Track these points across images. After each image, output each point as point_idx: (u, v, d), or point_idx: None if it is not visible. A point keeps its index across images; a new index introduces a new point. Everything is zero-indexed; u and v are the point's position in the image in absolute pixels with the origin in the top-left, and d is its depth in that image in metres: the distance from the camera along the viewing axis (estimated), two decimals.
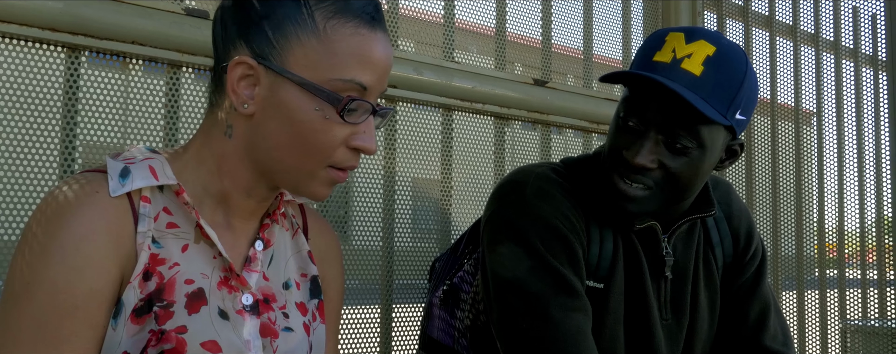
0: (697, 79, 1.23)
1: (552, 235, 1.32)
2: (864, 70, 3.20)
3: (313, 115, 0.94)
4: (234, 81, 0.95)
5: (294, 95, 0.94)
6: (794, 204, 2.88)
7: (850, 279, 3.11)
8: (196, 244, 0.98)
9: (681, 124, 1.24)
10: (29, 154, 1.36)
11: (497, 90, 1.96)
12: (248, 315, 1.00)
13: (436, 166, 1.92)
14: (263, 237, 1.05)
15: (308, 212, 1.19)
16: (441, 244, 1.92)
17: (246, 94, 0.96)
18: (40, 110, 1.38)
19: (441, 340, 1.56)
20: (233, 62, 0.95)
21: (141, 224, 0.95)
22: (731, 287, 1.52)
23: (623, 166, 1.29)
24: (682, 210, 1.41)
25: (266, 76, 0.95)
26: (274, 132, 0.95)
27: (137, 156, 0.99)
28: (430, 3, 1.90)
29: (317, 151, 0.95)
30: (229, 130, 0.99)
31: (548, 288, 1.29)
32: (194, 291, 0.96)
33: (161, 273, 0.95)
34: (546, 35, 2.14)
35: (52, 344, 0.88)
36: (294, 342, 1.04)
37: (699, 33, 1.28)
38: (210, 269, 0.99)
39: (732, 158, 1.37)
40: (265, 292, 1.03)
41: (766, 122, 2.79)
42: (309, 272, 1.12)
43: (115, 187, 0.94)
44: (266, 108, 0.95)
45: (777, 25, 2.83)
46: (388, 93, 1.77)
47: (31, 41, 1.35)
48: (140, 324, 0.93)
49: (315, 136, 0.94)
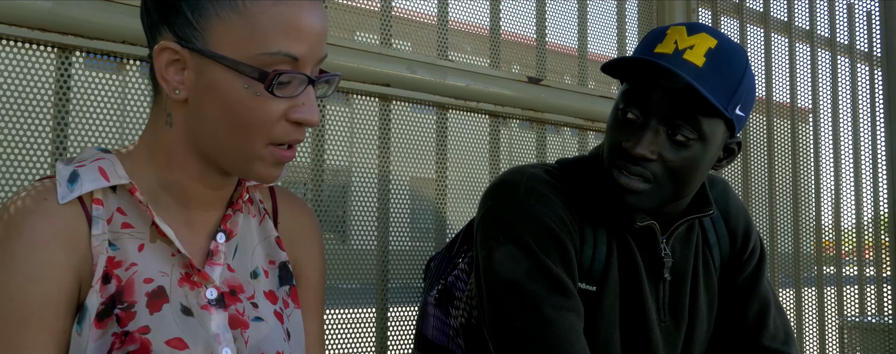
0: (700, 70, 1.23)
1: (545, 234, 1.31)
2: (860, 67, 3.20)
3: (243, 93, 0.91)
4: (161, 67, 0.93)
5: (221, 76, 0.91)
6: (791, 202, 2.87)
7: (847, 276, 3.11)
8: (152, 243, 0.98)
9: (683, 114, 1.24)
10: (20, 156, 1.35)
11: (491, 88, 1.95)
12: (213, 308, 0.99)
13: (431, 165, 1.91)
14: (226, 227, 1.04)
15: (279, 193, 1.17)
16: (437, 243, 1.91)
17: (176, 79, 0.93)
18: (31, 112, 1.37)
19: (436, 339, 1.56)
20: (157, 48, 0.93)
21: (95, 227, 0.94)
22: (730, 286, 1.51)
23: (622, 159, 1.29)
24: (680, 210, 1.40)
25: (192, 59, 0.93)
26: (209, 116, 0.93)
27: (88, 158, 0.99)
28: (424, 3, 1.89)
29: (254, 129, 0.92)
30: (169, 118, 0.97)
31: (541, 288, 1.28)
32: (154, 289, 0.96)
33: (118, 276, 0.95)
34: (541, 33, 2.13)
35: (9, 353, 0.89)
36: (266, 330, 1.03)
37: (701, 27, 1.29)
38: (169, 267, 0.98)
39: (730, 157, 1.36)
40: (231, 283, 1.02)
41: (762, 119, 2.79)
42: (277, 259, 1.10)
43: (63, 194, 0.94)
44: (197, 92, 0.93)
45: (772, 22, 2.83)
46: (381, 91, 1.77)
47: (20, 41, 1.34)
48: (103, 328, 0.93)
49: (250, 114, 0.92)
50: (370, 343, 1.77)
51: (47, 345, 0.90)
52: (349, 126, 1.78)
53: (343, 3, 1.78)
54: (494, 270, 1.32)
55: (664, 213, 1.38)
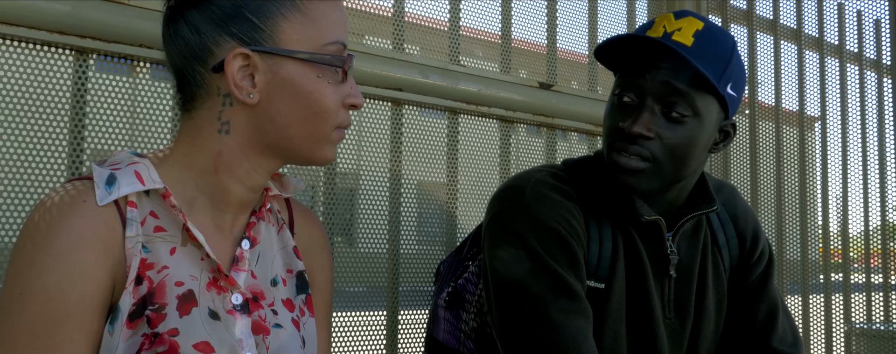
0: (689, 48, 1.27)
1: (551, 238, 1.32)
2: (868, 74, 3.20)
3: (317, 83, 0.99)
4: (233, 74, 0.96)
5: (296, 70, 0.98)
6: (799, 209, 2.87)
7: (854, 283, 3.11)
8: (183, 247, 0.99)
9: (677, 91, 1.28)
10: (37, 158, 1.36)
11: (503, 93, 1.96)
12: (238, 314, 1.00)
13: (441, 169, 1.92)
14: (250, 235, 1.06)
15: (294, 206, 1.20)
16: (447, 247, 1.92)
17: (247, 84, 0.97)
18: (48, 114, 1.38)
19: (447, 342, 1.56)
20: (229, 56, 0.95)
21: (129, 230, 0.96)
22: (739, 289, 1.52)
23: (621, 139, 1.31)
24: (682, 200, 1.41)
25: (262, 61, 0.97)
26: (283, 112, 0.99)
27: (123, 161, 1.00)
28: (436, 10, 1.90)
29: (328, 115, 1.00)
30: (225, 126, 0.99)
31: (548, 291, 1.29)
32: (184, 293, 0.97)
33: (150, 278, 0.96)
34: (551, 39, 2.14)
35: (46, 352, 0.89)
36: (285, 337, 1.05)
37: (687, 13, 1.34)
38: (198, 271, 0.99)
39: (726, 139, 1.39)
40: (254, 290, 1.04)
41: (771, 126, 2.79)
42: (295, 268, 1.13)
43: (101, 196, 0.95)
44: (270, 91, 0.98)
45: (781, 30, 2.83)
46: (393, 96, 1.78)
47: (39, 44, 1.36)
48: (134, 328, 0.94)
49: (324, 102, 0.99)
50: (381, 347, 1.78)
51: (83, 345, 0.91)
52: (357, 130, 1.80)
53: (356, 8, 1.79)
54: (501, 274, 1.33)
55: (667, 203, 1.39)
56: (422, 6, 1.88)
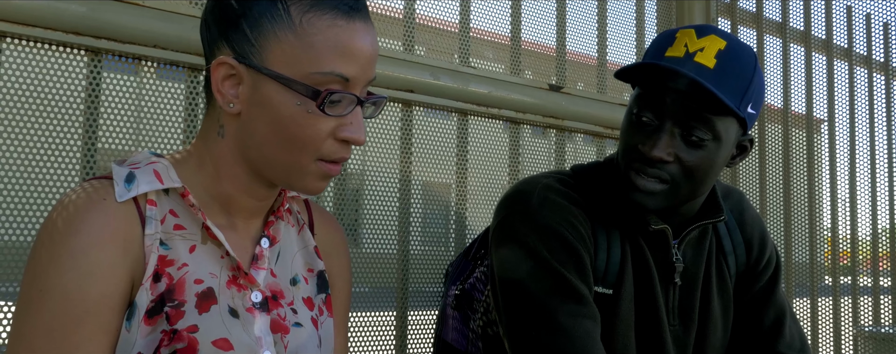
0: (712, 71, 1.25)
1: (558, 243, 1.32)
2: (876, 77, 3.20)
3: (295, 110, 0.94)
4: (218, 81, 0.96)
5: (275, 92, 0.94)
6: (807, 212, 2.87)
7: (862, 286, 3.10)
8: (203, 245, 1.00)
9: (697, 116, 1.25)
10: (51, 157, 1.37)
11: (512, 95, 1.97)
12: (257, 312, 1.01)
13: (451, 171, 1.93)
14: (269, 234, 1.07)
15: (313, 207, 1.20)
16: (456, 248, 1.92)
17: (231, 93, 0.96)
18: (62, 114, 1.39)
19: (455, 343, 1.57)
20: (215, 63, 0.96)
21: (148, 227, 0.96)
22: (746, 295, 1.52)
23: (639, 161, 1.30)
24: (693, 212, 1.41)
25: (248, 75, 0.95)
26: (260, 130, 0.96)
27: (142, 161, 1.01)
28: (446, 12, 1.91)
29: (303, 145, 0.95)
30: (221, 129, 1.00)
31: (555, 296, 1.29)
32: (204, 290, 0.97)
33: (170, 274, 0.96)
34: (561, 42, 2.15)
35: (66, 351, 0.89)
36: (304, 336, 1.05)
37: (710, 29, 1.30)
38: (218, 268, 1.00)
39: (742, 154, 1.38)
40: (273, 288, 1.05)
41: (779, 129, 2.79)
42: (315, 268, 1.13)
43: (121, 193, 0.95)
44: (251, 106, 0.96)
45: (790, 32, 2.83)
46: (403, 97, 1.78)
47: (54, 45, 1.37)
48: (152, 325, 0.94)
49: (300, 130, 0.94)
50: (390, 347, 1.78)
51: (102, 343, 0.92)
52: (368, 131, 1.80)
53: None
54: (508, 280, 1.33)
55: (678, 214, 1.39)
56: (432, 8, 1.89)
